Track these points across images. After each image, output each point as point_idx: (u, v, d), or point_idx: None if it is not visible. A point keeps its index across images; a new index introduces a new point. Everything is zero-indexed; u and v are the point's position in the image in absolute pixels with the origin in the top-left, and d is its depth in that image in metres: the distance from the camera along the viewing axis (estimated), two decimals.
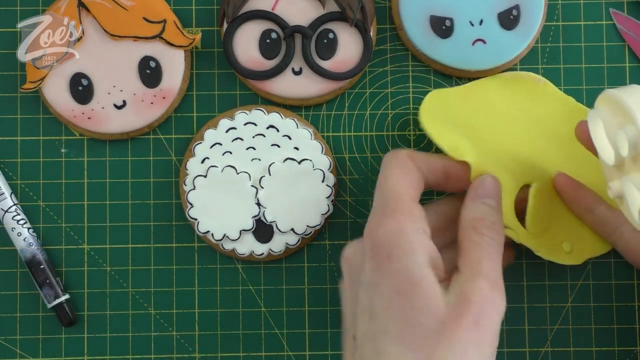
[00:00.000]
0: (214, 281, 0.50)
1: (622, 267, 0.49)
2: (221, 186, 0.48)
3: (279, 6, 0.49)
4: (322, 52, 0.49)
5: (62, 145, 0.50)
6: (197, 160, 0.48)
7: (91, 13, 0.48)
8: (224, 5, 0.48)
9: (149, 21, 0.48)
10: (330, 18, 0.48)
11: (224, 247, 0.48)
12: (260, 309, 0.50)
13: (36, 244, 0.49)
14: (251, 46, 0.49)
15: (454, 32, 0.49)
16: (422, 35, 0.49)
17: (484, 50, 0.49)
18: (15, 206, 0.49)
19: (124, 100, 0.49)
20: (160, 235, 0.50)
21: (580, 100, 0.50)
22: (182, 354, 0.49)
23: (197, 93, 0.50)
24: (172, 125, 0.50)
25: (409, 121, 0.50)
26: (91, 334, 0.49)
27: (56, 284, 0.48)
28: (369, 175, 0.50)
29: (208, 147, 0.48)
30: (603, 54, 0.50)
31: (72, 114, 0.49)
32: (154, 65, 0.48)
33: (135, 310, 0.50)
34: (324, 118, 0.50)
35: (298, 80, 0.49)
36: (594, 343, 0.49)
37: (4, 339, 0.49)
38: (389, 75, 0.50)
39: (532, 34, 0.49)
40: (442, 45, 0.49)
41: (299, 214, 0.48)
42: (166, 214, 0.50)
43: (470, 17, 0.48)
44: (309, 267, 0.50)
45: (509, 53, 0.49)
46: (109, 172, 0.50)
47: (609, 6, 0.50)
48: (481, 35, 0.49)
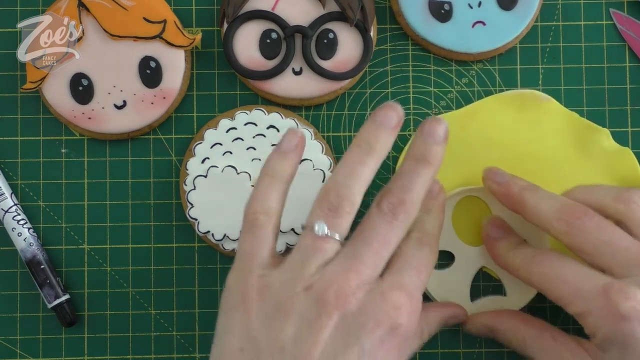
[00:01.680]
0: (214, 281, 0.50)
1: None
2: (222, 186, 0.48)
3: (279, 6, 0.49)
4: (322, 52, 0.49)
5: (62, 145, 0.50)
6: (197, 160, 0.48)
7: (91, 13, 0.48)
8: (224, 5, 0.48)
9: (149, 21, 0.48)
10: (330, 18, 0.48)
11: (224, 247, 0.48)
12: None
13: (36, 244, 0.49)
14: (251, 46, 0.49)
15: (453, 15, 0.49)
16: (421, 20, 0.49)
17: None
18: (16, 206, 0.49)
19: (124, 100, 0.49)
20: (160, 235, 0.50)
21: (580, 100, 0.50)
22: (182, 354, 0.49)
23: (197, 93, 0.50)
24: (172, 125, 0.50)
25: (409, 121, 0.50)
26: (91, 334, 0.49)
27: (56, 284, 0.48)
28: None
29: (208, 147, 0.48)
30: (603, 54, 0.50)
31: (72, 114, 0.49)
32: (154, 66, 0.48)
33: (135, 310, 0.50)
34: (324, 118, 0.50)
35: (298, 80, 0.49)
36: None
37: (4, 338, 0.49)
38: (389, 75, 0.50)
39: (532, 12, 0.49)
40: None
41: (298, 214, 0.48)
42: (166, 214, 0.50)
43: (468, 0, 0.49)
44: None
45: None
46: (109, 172, 0.50)
47: (609, 6, 0.50)
48: (480, 17, 0.49)
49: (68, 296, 0.49)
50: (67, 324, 0.49)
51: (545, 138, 0.49)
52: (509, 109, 0.49)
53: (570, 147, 0.49)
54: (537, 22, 0.50)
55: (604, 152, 0.49)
